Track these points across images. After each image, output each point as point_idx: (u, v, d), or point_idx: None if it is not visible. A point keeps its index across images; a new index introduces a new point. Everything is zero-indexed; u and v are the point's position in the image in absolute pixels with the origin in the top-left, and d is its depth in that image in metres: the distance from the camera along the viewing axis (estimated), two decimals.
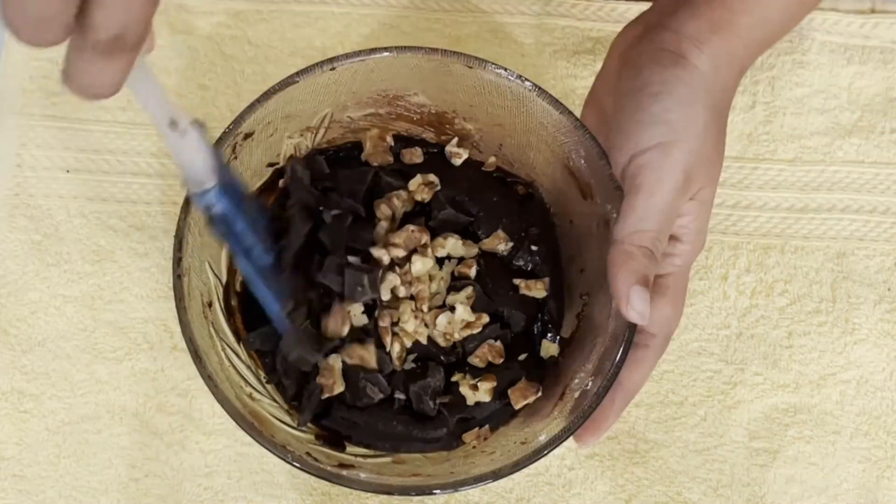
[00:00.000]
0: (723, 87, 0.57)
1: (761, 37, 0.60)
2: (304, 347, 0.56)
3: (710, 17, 0.57)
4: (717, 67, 0.57)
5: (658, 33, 0.58)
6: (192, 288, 0.55)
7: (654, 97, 0.55)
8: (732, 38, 0.57)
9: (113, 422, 0.68)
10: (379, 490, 0.52)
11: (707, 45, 0.56)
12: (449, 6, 0.77)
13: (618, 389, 0.56)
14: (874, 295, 0.72)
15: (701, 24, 0.57)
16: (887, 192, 0.74)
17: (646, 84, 0.56)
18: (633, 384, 0.57)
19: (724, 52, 0.57)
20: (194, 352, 0.52)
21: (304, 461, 0.52)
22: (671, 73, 0.56)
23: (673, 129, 0.55)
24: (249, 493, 0.67)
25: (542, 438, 0.54)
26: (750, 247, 0.73)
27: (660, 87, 0.56)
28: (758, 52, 0.61)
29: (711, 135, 0.56)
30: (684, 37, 0.57)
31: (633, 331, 0.54)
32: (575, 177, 0.60)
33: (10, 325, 0.70)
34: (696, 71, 0.56)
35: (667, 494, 0.68)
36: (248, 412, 0.53)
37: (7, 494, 0.67)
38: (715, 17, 0.57)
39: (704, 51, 0.56)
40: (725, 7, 0.58)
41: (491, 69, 0.58)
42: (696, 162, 0.55)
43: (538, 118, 0.60)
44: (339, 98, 0.61)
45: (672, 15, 0.58)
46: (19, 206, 0.72)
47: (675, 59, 0.56)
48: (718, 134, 0.57)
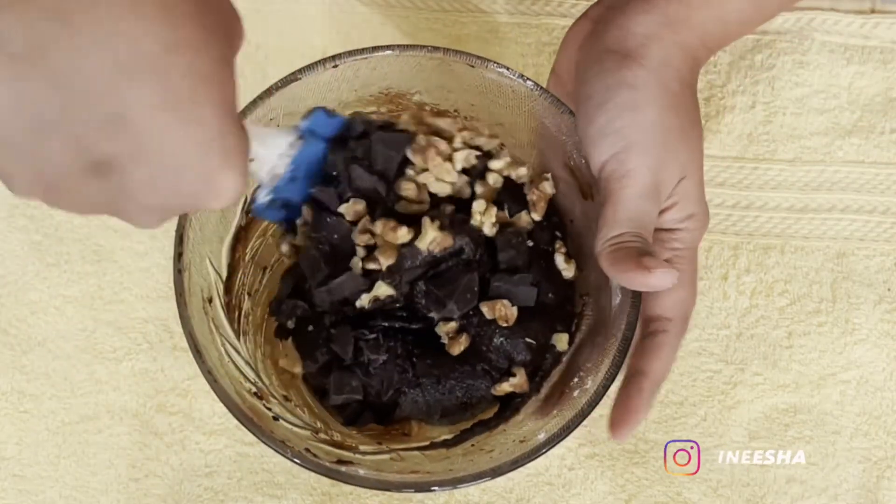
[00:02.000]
0: (678, 78, 0.56)
1: (715, 33, 0.58)
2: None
3: (665, 12, 0.56)
4: (668, 59, 0.55)
5: (604, 31, 0.57)
6: (193, 283, 0.55)
7: (599, 108, 0.55)
8: (686, 32, 0.56)
9: (113, 422, 0.68)
10: (377, 486, 0.52)
11: (655, 39, 0.55)
12: (449, 6, 0.77)
13: (643, 380, 0.56)
14: (874, 295, 0.72)
15: (653, 18, 0.56)
16: (887, 192, 0.74)
17: (590, 95, 0.56)
18: (658, 372, 0.57)
19: (673, 45, 0.56)
20: (194, 347, 0.52)
21: (303, 457, 0.52)
22: (613, 77, 0.55)
23: (623, 137, 0.54)
24: (249, 493, 0.67)
25: (541, 437, 0.54)
26: (750, 247, 0.73)
27: (603, 95, 0.55)
28: (713, 48, 0.59)
29: (671, 128, 0.55)
30: (631, 34, 0.56)
31: (632, 329, 0.54)
32: (575, 176, 0.60)
33: (10, 325, 0.70)
34: (642, 70, 0.55)
35: (667, 494, 0.68)
36: (248, 407, 0.53)
37: (7, 494, 0.67)
38: (670, 12, 0.56)
39: (652, 47, 0.55)
40: (682, 2, 0.56)
41: (493, 68, 0.58)
42: (660, 159, 0.54)
43: (539, 117, 0.60)
44: (341, 96, 0.61)
45: (620, 10, 0.57)
46: (19, 205, 0.72)
47: (619, 60, 0.55)
48: (683, 124, 0.56)
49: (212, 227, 0.58)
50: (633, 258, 0.52)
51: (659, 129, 0.54)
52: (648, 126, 0.54)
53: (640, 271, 0.52)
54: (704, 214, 0.58)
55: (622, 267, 0.53)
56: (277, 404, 0.57)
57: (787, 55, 0.76)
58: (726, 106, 0.75)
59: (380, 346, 0.57)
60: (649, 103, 0.55)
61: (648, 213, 0.55)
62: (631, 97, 0.54)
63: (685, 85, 0.56)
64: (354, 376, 0.58)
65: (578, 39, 0.60)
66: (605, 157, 0.55)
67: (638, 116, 0.54)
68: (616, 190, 0.54)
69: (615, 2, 0.58)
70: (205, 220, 0.56)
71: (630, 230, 0.54)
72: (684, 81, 0.56)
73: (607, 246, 0.54)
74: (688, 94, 0.57)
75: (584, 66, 0.57)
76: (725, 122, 0.75)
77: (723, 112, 0.75)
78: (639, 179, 0.54)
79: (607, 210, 0.54)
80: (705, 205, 0.58)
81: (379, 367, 0.57)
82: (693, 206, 0.57)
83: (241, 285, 0.61)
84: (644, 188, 0.54)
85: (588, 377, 0.55)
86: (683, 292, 0.58)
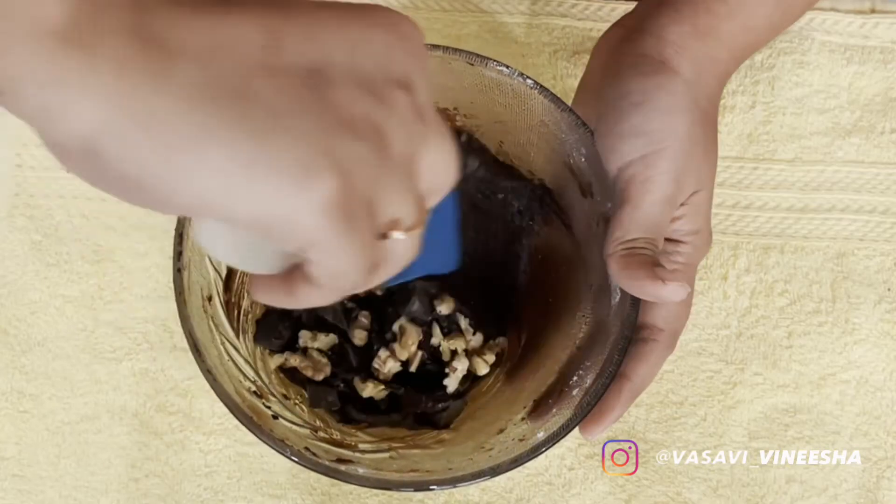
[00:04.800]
0: (707, 95, 0.56)
1: (745, 43, 0.59)
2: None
3: (694, 23, 0.56)
4: (699, 74, 0.56)
5: (640, 37, 0.57)
6: (192, 282, 0.55)
7: (635, 107, 0.55)
8: (715, 43, 0.56)
9: (113, 422, 0.68)
10: (377, 485, 0.52)
11: (689, 50, 0.56)
12: (449, 6, 0.77)
13: (624, 382, 0.56)
14: (874, 295, 0.72)
15: (684, 29, 0.56)
16: (887, 192, 0.74)
17: (626, 93, 0.55)
18: (640, 378, 0.57)
19: (706, 58, 0.56)
20: (194, 345, 0.52)
21: (303, 455, 0.52)
22: (652, 81, 0.55)
23: (655, 140, 0.54)
24: (249, 493, 0.67)
25: (540, 436, 0.54)
26: (750, 247, 0.73)
27: (640, 96, 0.55)
28: (741, 57, 0.60)
29: (698, 141, 0.55)
30: (666, 42, 0.56)
31: (631, 328, 0.54)
32: (575, 175, 0.60)
33: (10, 325, 0.70)
34: (678, 78, 0.55)
35: (667, 494, 0.68)
36: (247, 406, 0.53)
37: (7, 494, 0.67)
38: (699, 23, 0.56)
39: (686, 57, 0.55)
40: (710, 13, 0.56)
41: (493, 67, 0.58)
42: (684, 169, 0.54)
43: (539, 116, 0.60)
44: None
45: (654, 19, 0.57)
46: (19, 206, 0.72)
47: (657, 65, 0.55)
48: (706, 139, 0.56)
49: None
50: (647, 267, 0.52)
51: (689, 139, 0.54)
52: (682, 134, 0.54)
53: (653, 281, 0.52)
54: (708, 234, 0.58)
55: (633, 273, 0.53)
56: (277, 402, 0.57)
57: (787, 55, 0.76)
58: (726, 106, 0.75)
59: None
60: (685, 113, 0.54)
61: (664, 221, 0.55)
62: (669, 102, 0.54)
63: (711, 102, 0.57)
64: (331, 391, 0.62)
65: (611, 45, 0.60)
66: (632, 157, 0.54)
67: (674, 122, 0.54)
68: (637, 194, 0.54)
69: (649, 11, 0.58)
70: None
71: (644, 236, 0.54)
72: (711, 98, 0.57)
73: (620, 249, 0.54)
74: (713, 112, 0.57)
75: (619, 69, 0.57)
76: (725, 122, 0.75)
77: (723, 112, 0.75)
78: (661, 186, 0.54)
79: (624, 212, 0.54)
80: (710, 226, 0.58)
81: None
82: (701, 221, 0.57)
83: (240, 284, 0.61)
84: (664, 196, 0.54)
85: (587, 376, 0.55)
86: (679, 307, 0.58)
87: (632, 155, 0.54)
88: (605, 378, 0.54)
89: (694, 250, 0.57)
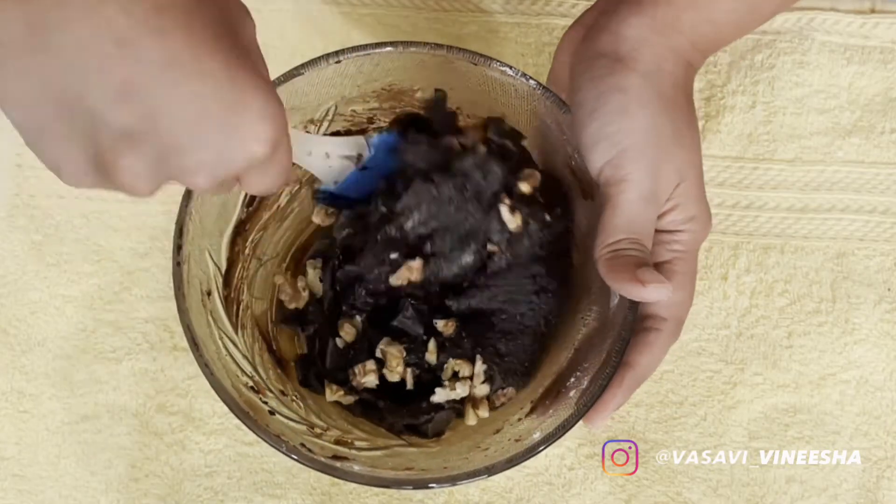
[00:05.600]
0: (672, 83, 0.56)
1: (708, 36, 0.58)
2: None
3: (654, 14, 0.56)
4: (658, 64, 0.55)
5: (597, 36, 0.57)
6: (192, 276, 0.55)
7: (591, 114, 0.55)
8: (676, 35, 0.56)
9: (113, 422, 0.68)
10: (372, 483, 0.52)
11: (646, 43, 0.55)
12: (449, 6, 0.77)
13: (627, 370, 0.56)
14: (874, 295, 0.72)
15: (643, 21, 0.56)
16: (887, 192, 0.74)
17: (581, 103, 0.56)
18: (643, 367, 0.57)
19: (667, 49, 0.56)
20: (192, 339, 0.53)
21: (299, 451, 0.52)
22: (605, 83, 0.55)
23: (615, 142, 0.54)
24: (249, 493, 0.67)
25: (536, 436, 0.54)
26: (750, 247, 0.73)
27: (593, 103, 0.55)
28: (706, 51, 0.59)
29: (664, 131, 0.55)
30: (623, 38, 0.56)
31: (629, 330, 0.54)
32: (577, 176, 0.60)
33: (10, 325, 0.70)
34: (633, 74, 0.54)
35: (667, 494, 0.68)
36: (244, 401, 0.53)
37: (7, 494, 0.67)
38: (658, 14, 0.56)
39: (643, 51, 0.55)
40: (671, 5, 0.56)
41: (496, 67, 0.58)
42: (657, 162, 0.54)
43: (541, 116, 0.60)
44: (343, 91, 0.61)
45: (612, 14, 0.57)
46: (19, 206, 0.72)
47: (611, 65, 0.55)
48: (676, 126, 0.55)
49: (212, 221, 0.58)
50: (629, 269, 0.53)
51: (653, 133, 0.54)
52: (641, 130, 0.54)
53: (635, 283, 0.53)
54: (706, 216, 0.58)
55: (618, 276, 0.53)
56: (274, 398, 0.57)
57: (787, 55, 0.76)
58: (726, 106, 0.75)
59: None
60: (641, 107, 0.54)
61: (646, 218, 0.55)
62: (622, 102, 0.54)
63: (679, 88, 0.56)
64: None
65: (572, 46, 0.60)
66: (601, 163, 0.55)
67: (630, 121, 0.54)
68: (613, 195, 0.54)
69: (607, 7, 0.58)
70: (205, 213, 0.56)
71: (628, 236, 0.54)
72: (678, 85, 0.56)
73: (605, 252, 0.54)
74: (682, 97, 0.57)
75: (577, 73, 0.57)
76: (725, 122, 0.75)
77: (723, 112, 0.75)
78: (634, 184, 0.54)
79: (605, 216, 0.55)
80: (707, 206, 0.58)
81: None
82: (694, 208, 0.56)
83: (240, 279, 0.61)
84: (640, 193, 0.54)
85: (585, 377, 0.56)
86: (681, 294, 0.58)
87: (600, 161, 0.55)
88: (603, 380, 0.54)
89: (692, 237, 0.57)
